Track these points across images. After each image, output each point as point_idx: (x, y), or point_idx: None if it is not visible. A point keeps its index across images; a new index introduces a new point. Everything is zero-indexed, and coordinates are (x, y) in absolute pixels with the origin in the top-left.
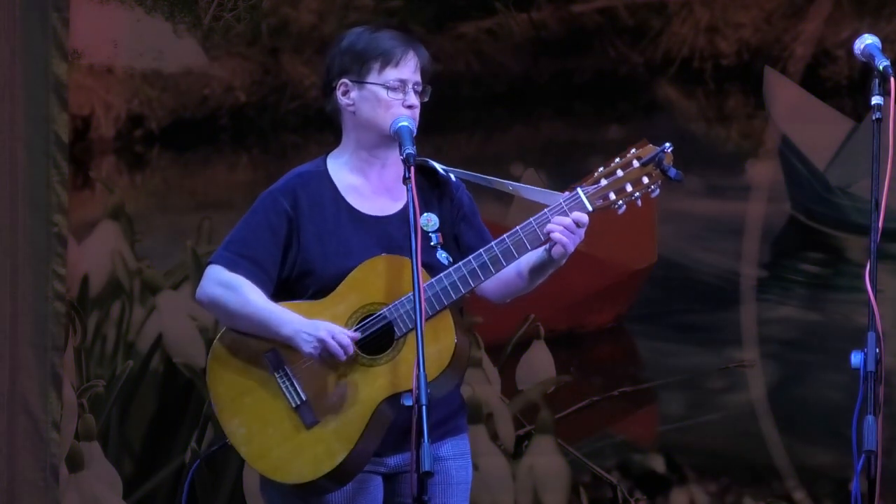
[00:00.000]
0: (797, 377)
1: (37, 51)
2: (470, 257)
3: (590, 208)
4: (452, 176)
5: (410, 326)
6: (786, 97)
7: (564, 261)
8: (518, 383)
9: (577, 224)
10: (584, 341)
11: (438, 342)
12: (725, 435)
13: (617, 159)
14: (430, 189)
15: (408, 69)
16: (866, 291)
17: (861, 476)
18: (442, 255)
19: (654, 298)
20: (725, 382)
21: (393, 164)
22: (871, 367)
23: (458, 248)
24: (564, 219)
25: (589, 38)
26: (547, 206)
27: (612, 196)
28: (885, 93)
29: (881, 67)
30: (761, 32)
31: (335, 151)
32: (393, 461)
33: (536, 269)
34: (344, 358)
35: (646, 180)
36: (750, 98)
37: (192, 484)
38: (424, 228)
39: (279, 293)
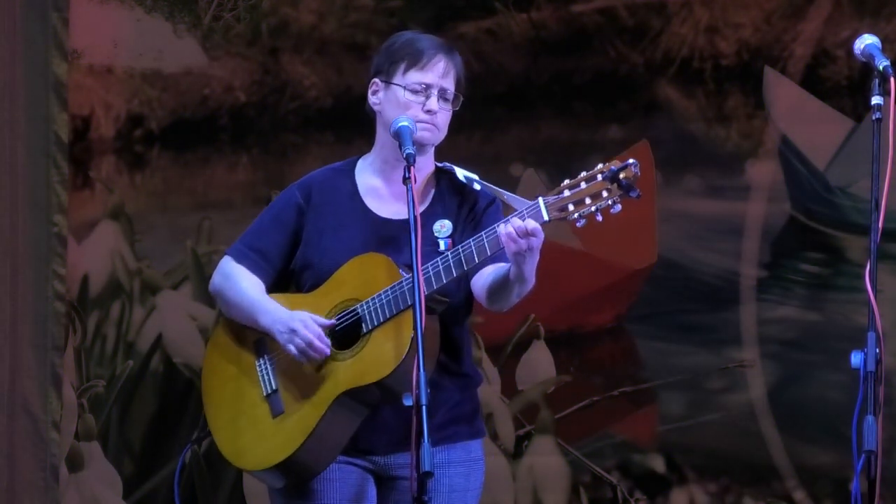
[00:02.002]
0: (797, 377)
1: (37, 51)
2: (438, 259)
3: (546, 218)
4: (476, 185)
5: (377, 323)
6: (786, 97)
7: (522, 279)
8: (518, 383)
9: (528, 232)
10: (584, 341)
11: (399, 337)
12: (725, 435)
13: (583, 172)
14: (452, 195)
15: (434, 73)
16: (866, 291)
17: (861, 476)
18: None
19: (654, 298)
20: (725, 382)
21: (418, 169)
22: (871, 367)
23: None
24: (516, 222)
25: (589, 38)
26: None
27: (571, 207)
28: (885, 93)
29: (881, 67)
30: (761, 32)
31: (369, 153)
32: (381, 460)
33: (497, 288)
34: (313, 346)
35: (605, 194)
36: (750, 98)
37: (189, 478)
38: (436, 234)
39: (288, 285)
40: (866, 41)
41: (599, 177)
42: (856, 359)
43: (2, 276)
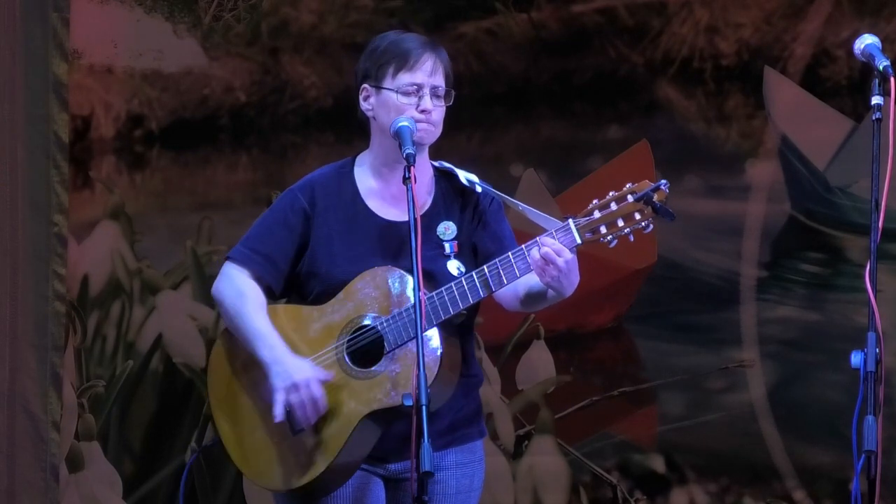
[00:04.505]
0: (797, 377)
1: (37, 51)
2: (462, 278)
3: (578, 241)
4: (478, 187)
5: (400, 342)
6: (786, 97)
7: (561, 294)
8: (518, 383)
9: (558, 255)
10: (584, 341)
11: (426, 356)
12: (725, 435)
13: (612, 192)
14: (453, 196)
15: (423, 73)
16: (866, 291)
17: (861, 476)
18: (453, 265)
19: (654, 298)
20: (725, 382)
21: (417, 169)
22: (871, 367)
23: (476, 257)
24: (544, 248)
25: (589, 38)
26: (545, 230)
27: (603, 229)
28: (885, 93)
29: (881, 67)
30: (761, 32)
31: (364, 153)
32: (394, 466)
33: (533, 297)
34: (316, 406)
35: (637, 216)
36: (750, 98)
37: (190, 478)
38: (441, 237)
39: (290, 290)
40: (866, 41)
41: (630, 197)
42: (856, 359)
43: (2, 276)
